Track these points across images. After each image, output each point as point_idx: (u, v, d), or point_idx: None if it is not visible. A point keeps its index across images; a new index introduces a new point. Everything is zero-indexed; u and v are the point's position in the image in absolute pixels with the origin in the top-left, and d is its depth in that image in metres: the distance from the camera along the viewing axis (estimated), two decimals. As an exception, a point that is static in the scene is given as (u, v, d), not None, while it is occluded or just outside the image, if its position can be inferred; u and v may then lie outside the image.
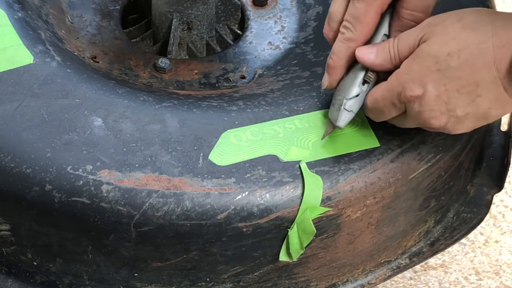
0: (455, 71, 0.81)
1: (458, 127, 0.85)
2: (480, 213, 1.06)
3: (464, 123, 0.84)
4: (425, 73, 0.82)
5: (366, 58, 0.86)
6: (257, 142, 0.91)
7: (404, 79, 0.83)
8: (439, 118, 0.84)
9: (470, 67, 0.80)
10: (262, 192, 0.87)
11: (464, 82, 0.81)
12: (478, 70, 0.80)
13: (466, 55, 0.80)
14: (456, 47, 0.81)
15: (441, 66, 0.81)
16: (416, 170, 0.93)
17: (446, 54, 0.81)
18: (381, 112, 0.87)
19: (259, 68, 1.10)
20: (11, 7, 1.03)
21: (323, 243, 0.92)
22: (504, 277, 1.22)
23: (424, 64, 0.82)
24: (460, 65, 0.80)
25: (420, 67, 0.82)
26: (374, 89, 0.87)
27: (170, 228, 0.86)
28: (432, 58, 0.81)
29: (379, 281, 0.99)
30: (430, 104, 0.83)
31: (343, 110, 0.89)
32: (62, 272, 0.91)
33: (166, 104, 0.95)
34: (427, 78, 0.82)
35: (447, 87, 0.81)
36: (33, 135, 0.89)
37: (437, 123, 0.84)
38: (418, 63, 0.82)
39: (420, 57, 0.82)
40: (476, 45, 0.80)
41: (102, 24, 1.14)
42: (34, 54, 0.98)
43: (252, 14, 1.18)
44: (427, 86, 0.82)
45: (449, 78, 0.81)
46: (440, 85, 0.81)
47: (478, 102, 0.82)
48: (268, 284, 0.93)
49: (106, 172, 0.87)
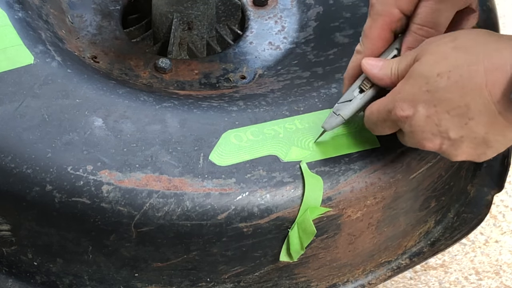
0: (444, 92, 0.79)
1: (456, 152, 0.82)
2: (480, 213, 1.06)
3: (462, 147, 0.81)
4: (416, 93, 0.80)
5: (369, 69, 0.86)
6: (257, 142, 0.91)
7: (396, 97, 0.82)
8: (431, 140, 0.81)
9: (460, 89, 0.78)
10: (263, 193, 0.87)
11: (454, 104, 0.79)
12: (469, 92, 0.77)
13: (456, 77, 0.78)
14: (446, 68, 0.79)
15: (430, 87, 0.79)
16: (417, 171, 0.93)
17: (436, 74, 0.79)
18: (375, 126, 0.87)
19: (259, 68, 1.10)
20: (12, 7, 1.03)
21: (323, 243, 0.92)
22: (504, 277, 1.22)
23: (416, 84, 0.80)
24: (449, 87, 0.78)
25: (411, 87, 0.81)
26: (373, 103, 0.86)
27: (171, 228, 0.86)
28: (422, 78, 0.80)
29: (380, 281, 1.00)
30: (420, 125, 0.81)
31: (332, 112, 0.89)
32: (63, 272, 0.91)
33: (167, 104, 0.95)
34: (418, 98, 0.80)
35: (436, 108, 0.79)
36: (33, 136, 0.89)
37: (430, 145, 0.82)
38: (410, 83, 0.81)
39: (412, 77, 0.81)
40: (466, 67, 0.78)
41: (103, 24, 1.14)
42: (35, 54, 0.98)
43: (252, 14, 1.18)
44: (418, 106, 0.80)
45: (439, 99, 0.79)
46: (430, 106, 0.80)
47: (472, 125, 0.79)
48: (269, 284, 0.93)
49: (107, 172, 0.87)
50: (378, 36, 0.86)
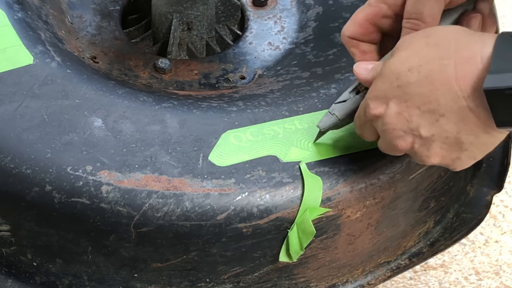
0: (415, 87, 0.78)
1: (428, 153, 0.80)
2: (480, 213, 1.06)
3: (434, 148, 0.79)
4: (387, 90, 0.80)
5: (359, 73, 0.85)
6: (257, 142, 0.91)
7: (369, 95, 0.82)
8: (403, 137, 0.80)
9: (430, 83, 0.76)
10: (262, 193, 0.87)
11: (425, 99, 0.77)
12: (439, 87, 0.76)
13: (426, 71, 0.77)
14: (417, 63, 0.78)
15: (401, 82, 0.78)
16: (416, 171, 0.93)
17: (407, 69, 0.78)
18: (360, 130, 0.86)
19: (259, 68, 1.10)
20: (11, 8, 1.03)
21: (322, 244, 0.92)
22: (504, 277, 1.22)
23: (387, 81, 0.80)
24: (419, 81, 0.77)
25: (382, 84, 0.80)
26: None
27: (170, 228, 0.86)
28: (394, 74, 0.79)
29: (379, 282, 0.99)
30: (392, 122, 0.80)
31: (327, 112, 0.89)
32: (62, 273, 0.91)
33: (166, 104, 0.95)
34: (389, 95, 0.80)
35: (407, 103, 0.78)
36: (33, 136, 0.89)
37: (403, 144, 0.80)
38: (381, 80, 0.80)
39: (383, 74, 0.80)
40: (437, 61, 0.77)
41: (102, 25, 1.14)
42: (34, 54, 0.98)
43: (252, 14, 1.18)
44: (389, 103, 0.80)
45: (409, 94, 0.78)
46: (401, 102, 0.79)
47: (443, 123, 0.77)
48: (268, 284, 0.93)
49: (106, 172, 0.87)
50: (360, 23, 0.88)
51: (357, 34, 0.88)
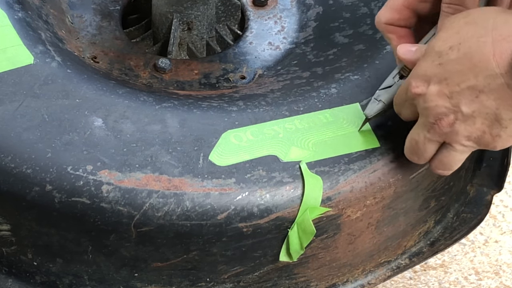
0: (455, 64, 0.81)
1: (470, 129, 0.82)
2: (480, 213, 1.06)
3: (475, 124, 0.82)
4: (428, 68, 0.82)
5: (404, 55, 0.88)
6: (257, 142, 0.91)
7: (411, 75, 0.84)
8: (446, 114, 0.82)
9: (469, 60, 0.80)
10: (262, 193, 0.87)
11: (464, 76, 0.80)
12: (477, 64, 0.79)
13: (465, 49, 0.80)
14: (457, 41, 0.81)
15: (442, 60, 0.81)
16: (416, 171, 0.93)
17: (448, 48, 0.81)
18: (400, 108, 0.88)
19: (259, 68, 1.10)
20: (11, 7, 1.03)
21: (323, 243, 0.92)
22: (504, 277, 1.22)
23: (429, 60, 0.82)
24: (459, 58, 0.80)
25: (425, 63, 0.83)
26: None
27: (170, 228, 0.86)
28: (436, 53, 0.82)
29: (379, 281, 1.00)
30: (434, 99, 0.82)
31: (372, 99, 0.91)
32: (62, 272, 0.91)
33: (166, 104, 0.95)
34: (431, 73, 0.82)
35: (448, 81, 0.81)
36: (33, 136, 0.89)
37: (445, 120, 0.82)
38: (425, 59, 0.83)
39: (427, 53, 0.83)
40: (475, 39, 0.80)
41: (102, 25, 1.14)
42: (35, 54, 0.98)
43: (252, 14, 1.18)
44: (430, 81, 0.82)
45: (450, 72, 0.81)
46: (441, 80, 0.81)
47: (482, 99, 0.80)
48: (268, 284, 0.93)
49: (107, 172, 0.87)
50: (397, 9, 0.89)
51: (394, 19, 0.90)
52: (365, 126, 0.93)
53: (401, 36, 0.90)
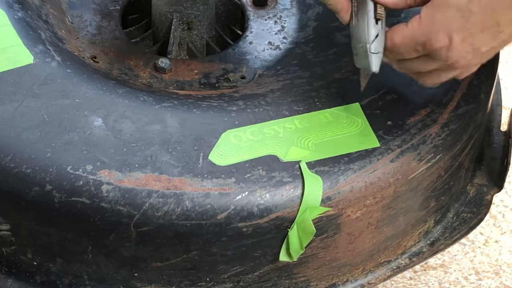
0: (477, 15, 0.84)
1: (481, 60, 0.89)
2: (480, 213, 1.06)
3: (486, 56, 0.89)
4: (449, 22, 0.85)
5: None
6: (257, 142, 0.91)
7: (429, 29, 0.86)
8: (465, 57, 0.87)
9: (491, 10, 0.84)
10: (262, 192, 0.87)
11: (487, 23, 0.85)
12: (499, 12, 0.84)
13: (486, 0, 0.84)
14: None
15: (464, 13, 0.85)
16: (416, 170, 0.93)
17: (467, 1, 0.84)
18: (401, 55, 0.90)
19: (259, 68, 1.10)
20: (11, 7, 1.03)
21: (323, 243, 0.92)
22: (504, 277, 1.22)
23: (447, 14, 0.85)
24: (481, 10, 0.84)
25: (443, 17, 0.85)
26: (393, 33, 0.89)
27: (170, 228, 0.86)
28: (453, 7, 0.85)
29: (379, 281, 0.99)
30: (458, 48, 0.86)
31: (371, 54, 0.89)
32: (62, 272, 0.91)
33: (166, 104, 0.95)
34: (452, 26, 0.85)
35: (471, 30, 0.85)
36: (33, 135, 0.89)
37: (463, 61, 0.88)
38: (442, 13, 0.86)
39: (441, 7, 0.86)
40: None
41: (102, 24, 1.14)
42: (34, 54, 0.98)
43: (252, 14, 1.18)
44: (452, 33, 0.86)
45: (473, 22, 0.85)
46: (464, 30, 0.85)
47: (500, 36, 0.86)
48: (268, 284, 0.93)
49: (106, 172, 0.87)
50: None
51: None
52: (365, 126, 0.93)
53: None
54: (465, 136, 0.98)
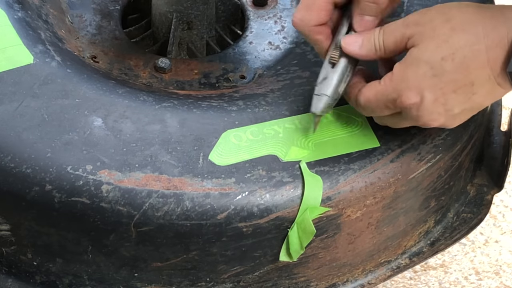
0: (451, 74, 0.82)
1: (454, 122, 0.87)
2: (480, 213, 1.06)
3: (460, 117, 0.86)
4: (421, 80, 0.82)
5: (351, 49, 0.87)
6: (257, 142, 0.91)
7: (400, 86, 0.84)
8: (437, 119, 0.85)
9: (465, 69, 0.81)
10: (262, 192, 0.87)
11: (460, 83, 0.82)
12: (473, 71, 0.82)
13: (460, 58, 0.81)
14: (449, 51, 0.81)
15: (436, 72, 0.82)
16: (416, 170, 0.93)
17: (440, 59, 0.81)
18: (372, 111, 0.88)
19: (259, 68, 1.10)
20: (11, 7, 1.03)
21: (323, 243, 0.92)
22: (504, 277, 1.22)
23: (419, 71, 0.82)
24: (455, 68, 0.82)
25: (415, 74, 0.83)
26: (366, 89, 0.87)
27: (170, 228, 0.86)
28: (426, 64, 0.82)
29: (379, 281, 0.99)
30: (429, 108, 0.84)
31: (314, 95, 0.88)
32: (62, 272, 0.91)
33: (166, 104, 0.95)
34: (423, 84, 0.82)
35: (443, 90, 0.83)
36: (33, 135, 0.89)
37: (435, 123, 0.86)
38: (413, 70, 0.83)
39: (414, 64, 0.83)
40: (469, 47, 0.81)
41: (102, 24, 1.14)
42: (34, 54, 0.98)
43: (252, 14, 1.18)
44: (424, 92, 0.83)
45: (445, 82, 0.82)
46: (436, 89, 0.83)
47: (474, 98, 0.84)
48: (268, 284, 0.93)
49: (106, 172, 0.87)
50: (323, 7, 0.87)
51: (321, 19, 0.87)
52: (365, 126, 0.93)
53: (328, 35, 0.89)
54: (465, 136, 0.98)
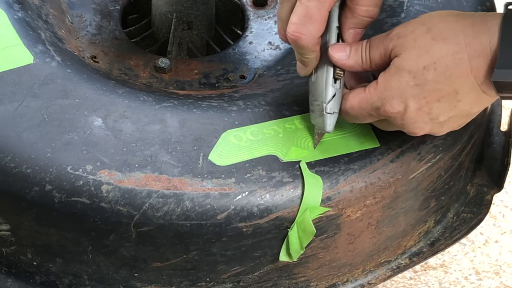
0: (433, 83, 0.81)
1: (442, 130, 0.86)
2: (480, 213, 1.06)
3: (448, 125, 0.86)
4: (404, 89, 0.82)
5: (338, 58, 0.86)
6: (257, 142, 0.91)
7: (383, 95, 0.83)
8: (422, 127, 0.85)
9: (448, 78, 0.81)
10: (262, 192, 0.87)
11: (444, 92, 0.82)
12: (456, 80, 0.81)
13: (442, 67, 0.81)
14: (431, 60, 0.81)
15: (419, 81, 0.82)
16: (416, 170, 0.93)
17: (422, 68, 0.81)
18: (356, 118, 0.88)
19: (259, 68, 1.10)
20: (11, 7, 1.03)
21: (323, 243, 0.92)
22: (504, 277, 1.22)
23: (402, 80, 0.82)
24: (437, 77, 0.81)
25: (398, 83, 0.82)
26: (350, 96, 0.87)
27: (170, 228, 0.86)
28: (409, 74, 0.82)
29: (379, 281, 0.99)
30: (413, 117, 0.83)
31: (327, 114, 0.88)
32: (62, 272, 0.91)
33: (166, 104, 0.95)
34: (407, 93, 0.82)
35: (427, 99, 0.82)
36: (33, 135, 0.89)
37: (421, 132, 0.86)
38: (396, 79, 0.82)
39: (397, 74, 0.82)
40: (451, 56, 0.81)
41: (102, 24, 1.14)
42: (34, 54, 0.98)
43: (252, 14, 1.18)
44: (408, 101, 0.83)
45: (428, 91, 0.82)
46: (420, 99, 0.82)
47: (459, 106, 0.83)
48: (268, 284, 0.93)
49: (106, 172, 0.87)
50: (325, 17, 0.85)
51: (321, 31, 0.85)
52: (365, 126, 0.93)
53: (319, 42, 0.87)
54: (465, 136, 0.98)
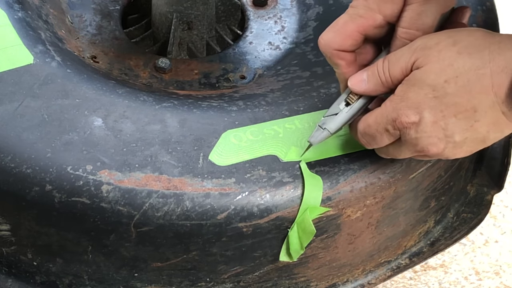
0: (453, 97, 0.80)
1: (456, 152, 0.83)
2: (480, 213, 1.06)
3: (462, 147, 0.83)
4: (421, 100, 0.81)
5: (358, 87, 0.85)
6: (257, 142, 0.91)
7: (399, 106, 0.82)
8: (436, 144, 0.82)
9: (468, 93, 0.79)
10: (262, 192, 0.87)
11: (462, 107, 0.80)
12: (476, 96, 0.79)
13: (463, 81, 0.79)
14: (453, 74, 0.79)
15: (438, 93, 0.80)
16: (416, 170, 0.93)
17: (443, 81, 0.80)
18: (373, 138, 0.85)
19: (259, 68, 1.10)
20: (11, 7, 1.03)
21: (323, 243, 0.92)
22: (504, 277, 1.22)
23: (421, 92, 0.80)
24: (457, 91, 0.79)
25: (416, 95, 0.81)
26: (367, 114, 0.85)
27: (170, 228, 0.86)
28: (429, 86, 0.80)
29: (379, 281, 1.00)
30: (427, 130, 0.81)
31: (317, 126, 0.87)
32: (62, 272, 0.91)
33: (166, 104, 0.95)
34: (424, 105, 0.80)
35: (444, 113, 0.80)
36: (33, 135, 0.89)
37: (434, 149, 0.82)
38: (414, 91, 0.81)
39: (416, 85, 0.81)
40: (473, 71, 0.79)
41: (102, 24, 1.14)
42: (34, 54, 0.98)
43: (252, 14, 1.18)
44: (424, 112, 0.81)
45: (447, 104, 0.80)
46: (437, 111, 0.80)
47: (477, 127, 0.81)
48: (268, 284, 0.93)
49: (106, 172, 0.87)
50: (350, 35, 0.85)
51: (346, 46, 0.85)
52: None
53: (350, 62, 0.86)
54: (465, 136, 0.98)
